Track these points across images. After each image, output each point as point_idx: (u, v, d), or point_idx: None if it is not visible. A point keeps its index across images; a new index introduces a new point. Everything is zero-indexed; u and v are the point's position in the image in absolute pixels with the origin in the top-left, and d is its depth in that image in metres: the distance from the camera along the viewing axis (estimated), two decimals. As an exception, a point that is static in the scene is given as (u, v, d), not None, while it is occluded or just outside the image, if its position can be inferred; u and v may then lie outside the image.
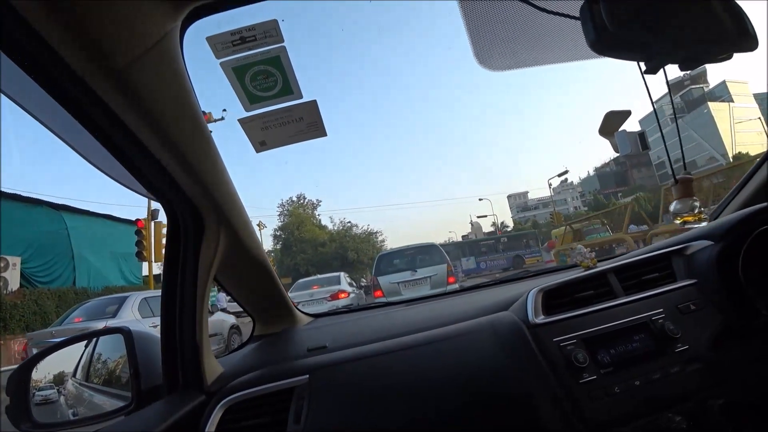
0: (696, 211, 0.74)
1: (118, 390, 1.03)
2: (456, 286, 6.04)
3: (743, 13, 0.57)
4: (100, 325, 4.98)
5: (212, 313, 6.60)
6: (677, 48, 0.55)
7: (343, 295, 6.70)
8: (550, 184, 29.32)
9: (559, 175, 27.08)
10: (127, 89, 0.50)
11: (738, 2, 0.57)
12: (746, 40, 0.57)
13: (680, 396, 0.72)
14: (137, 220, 9.63)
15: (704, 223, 0.82)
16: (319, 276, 9.06)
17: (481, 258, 21.24)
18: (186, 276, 0.80)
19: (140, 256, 9.49)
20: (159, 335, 0.84)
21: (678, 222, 0.77)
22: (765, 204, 0.85)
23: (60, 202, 11.82)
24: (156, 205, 9.09)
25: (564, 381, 0.72)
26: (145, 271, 12.14)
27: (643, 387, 0.72)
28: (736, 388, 0.73)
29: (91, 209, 13.12)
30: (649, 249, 1.03)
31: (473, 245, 22.77)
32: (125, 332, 0.88)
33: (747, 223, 0.82)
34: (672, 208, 0.77)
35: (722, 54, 0.58)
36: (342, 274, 8.29)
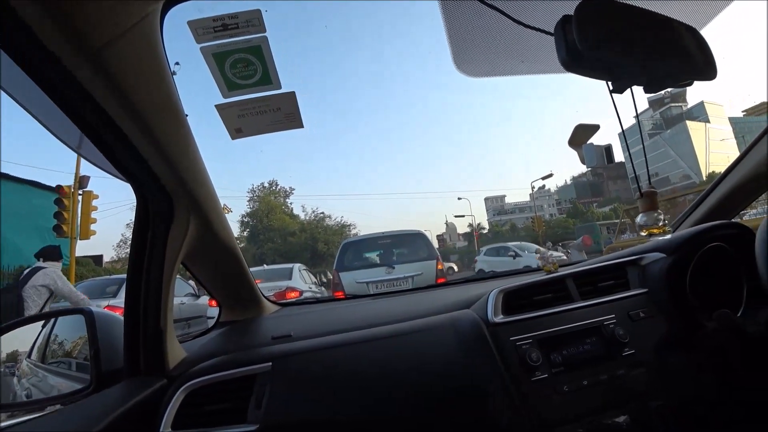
0: (660, 223, 0.78)
1: (75, 372, 1.01)
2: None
3: (706, 44, 0.61)
4: (104, 303, 4.76)
5: (198, 296, 6.22)
6: (643, 71, 0.59)
7: (292, 295, 5.16)
8: (533, 187, 29.83)
9: (543, 178, 27.53)
10: (102, 69, 0.49)
11: (702, 33, 0.61)
12: (707, 68, 0.60)
13: (624, 397, 0.76)
14: (59, 186, 7.51)
15: (668, 236, 0.86)
16: (266, 267, 7.26)
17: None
18: (153, 259, 0.78)
19: (58, 231, 7.45)
20: (122, 317, 0.83)
21: (644, 234, 0.80)
22: (716, 222, 0.91)
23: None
24: (84, 170, 7.91)
25: (517, 378, 0.75)
26: (79, 252, 9.29)
27: (591, 387, 0.76)
28: (674, 392, 0.78)
29: (13, 173, 10.30)
30: (607, 258, 1.08)
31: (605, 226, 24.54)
32: (87, 313, 0.86)
33: (697, 239, 0.87)
34: (638, 220, 0.80)
35: (684, 80, 0.61)
36: (297, 266, 6.42)
